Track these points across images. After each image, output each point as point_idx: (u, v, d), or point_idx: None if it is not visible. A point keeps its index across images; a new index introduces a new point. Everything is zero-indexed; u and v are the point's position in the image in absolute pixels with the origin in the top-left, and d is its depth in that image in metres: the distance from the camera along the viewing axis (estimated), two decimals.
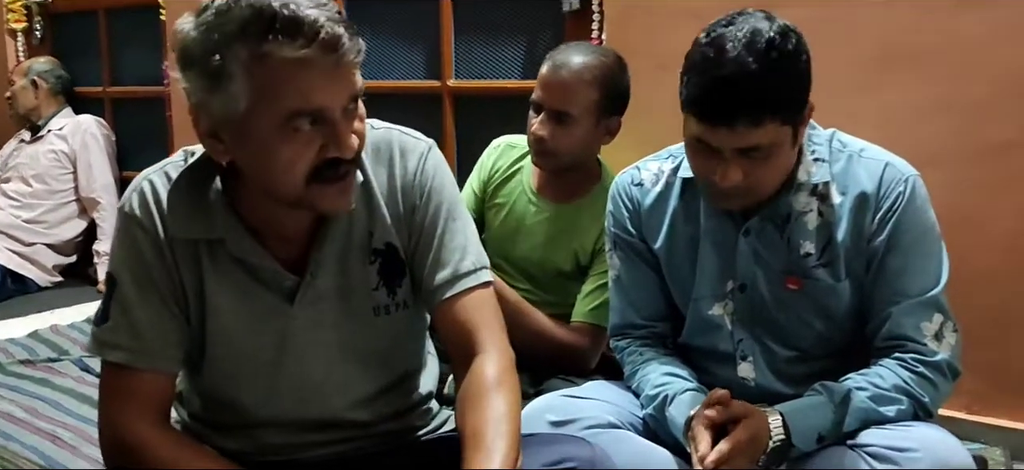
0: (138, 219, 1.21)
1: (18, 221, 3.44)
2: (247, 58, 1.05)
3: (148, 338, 1.21)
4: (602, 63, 1.85)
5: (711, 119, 1.29)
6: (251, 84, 1.06)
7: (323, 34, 1.03)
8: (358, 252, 1.27)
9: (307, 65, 1.04)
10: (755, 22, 1.29)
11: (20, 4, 3.93)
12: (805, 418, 1.34)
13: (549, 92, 1.84)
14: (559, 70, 1.83)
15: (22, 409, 2.13)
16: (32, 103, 3.59)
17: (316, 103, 1.07)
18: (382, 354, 1.32)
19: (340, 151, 1.10)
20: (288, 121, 1.07)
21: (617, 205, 1.60)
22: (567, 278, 1.95)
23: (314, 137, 1.09)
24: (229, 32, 1.05)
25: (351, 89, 1.10)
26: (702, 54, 1.30)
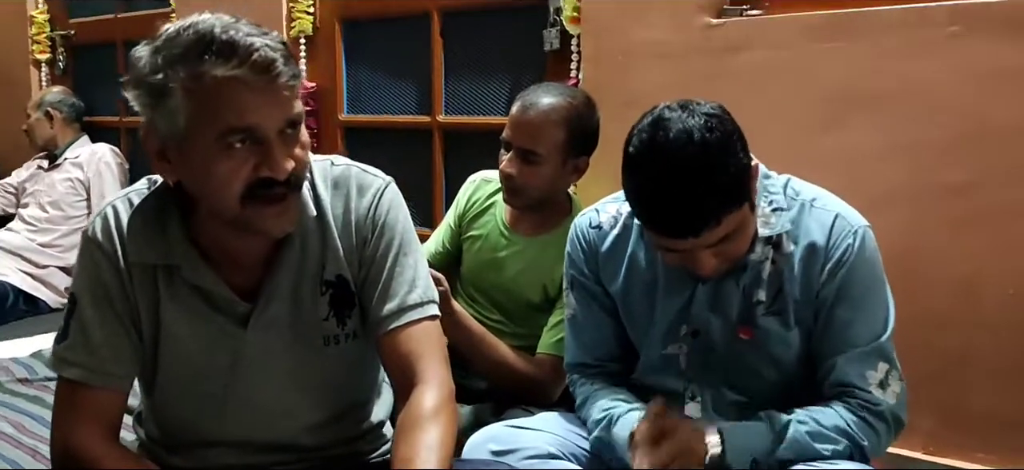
0: (99, 243, 1.28)
1: (33, 244, 3.53)
2: (186, 77, 1.11)
3: (102, 357, 1.27)
4: (569, 104, 1.89)
5: (674, 236, 1.31)
6: (189, 102, 1.12)
7: (256, 56, 1.09)
8: (310, 282, 1.31)
9: (240, 84, 1.10)
10: (680, 124, 1.28)
11: (45, 36, 4.09)
12: (742, 438, 1.38)
13: (517, 131, 1.88)
14: (527, 110, 1.88)
15: (11, 425, 2.20)
16: (49, 133, 3.70)
17: (248, 121, 1.12)
18: (331, 383, 1.36)
19: (272, 171, 1.14)
20: (223, 137, 1.12)
21: (575, 247, 1.62)
22: (537, 310, 1.98)
23: (248, 156, 1.14)
24: (173, 54, 1.12)
25: (286, 112, 1.14)
26: (644, 176, 1.31)
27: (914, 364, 1.76)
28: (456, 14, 2.69)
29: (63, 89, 3.84)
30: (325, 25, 2.98)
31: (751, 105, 1.47)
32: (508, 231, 2.02)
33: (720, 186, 1.28)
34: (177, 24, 1.14)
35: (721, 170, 1.27)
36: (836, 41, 1.91)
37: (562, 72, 2.38)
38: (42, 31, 4.08)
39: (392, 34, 2.89)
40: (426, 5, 2.72)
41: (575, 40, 2.34)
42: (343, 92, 3.00)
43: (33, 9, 4.10)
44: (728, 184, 1.28)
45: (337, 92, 2.99)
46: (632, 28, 2.16)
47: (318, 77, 3.01)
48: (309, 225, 1.29)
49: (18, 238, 3.55)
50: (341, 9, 2.95)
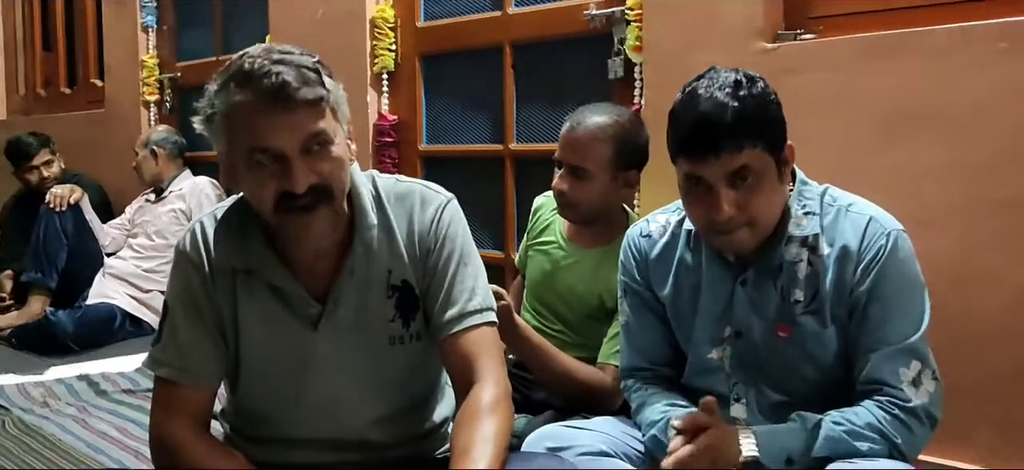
0: (188, 255, 1.42)
1: (139, 271, 3.79)
2: (221, 104, 1.27)
3: (191, 358, 1.40)
4: (616, 121, 1.99)
5: (698, 154, 1.41)
6: (225, 126, 1.28)
7: (265, 82, 1.23)
8: (378, 287, 1.42)
9: (252, 110, 1.24)
10: (723, 72, 1.44)
11: (154, 79, 4.39)
12: (777, 439, 1.43)
13: (567, 149, 1.98)
14: (575, 129, 1.98)
15: (115, 429, 2.41)
16: (155, 170, 3.95)
17: (265, 143, 1.25)
18: (396, 381, 1.46)
19: (289, 186, 1.26)
20: (250, 156, 1.27)
21: (627, 256, 1.71)
22: (596, 320, 2.05)
23: (273, 172, 1.27)
24: (216, 86, 1.28)
25: (304, 131, 1.26)
26: (680, 105, 1.45)
27: (969, 379, 1.80)
28: (527, 47, 2.82)
29: (167, 127, 4.09)
30: (406, 61, 3.15)
31: (806, 126, 1.53)
32: (566, 243, 2.10)
33: (749, 112, 1.39)
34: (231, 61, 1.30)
35: (752, 101, 1.40)
36: (888, 61, 1.95)
37: (626, 99, 2.47)
38: (152, 74, 4.39)
39: (467, 67, 3.04)
40: (499, 39, 2.86)
41: (638, 68, 2.44)
42: (423, 124, 3.16)
43: (144, 54, 4.41)
44: (755, 115, 1.40)
45: (417, 124, 3.14)
46: (692, 55, 2.25)
47: (400, 110, 3.18)
48: (375, 234, 1.40)
49: (126, 265, 3.80)
50: (421, 45, 3.12)
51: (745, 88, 1.40)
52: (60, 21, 5.36)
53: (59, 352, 3.35)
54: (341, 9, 3.24)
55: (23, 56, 5.80)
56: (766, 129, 1.42)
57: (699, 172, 1.43)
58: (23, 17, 5.77)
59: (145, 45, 4.43)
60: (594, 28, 2.55)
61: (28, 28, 5.74)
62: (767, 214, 1.47)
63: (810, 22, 2.15)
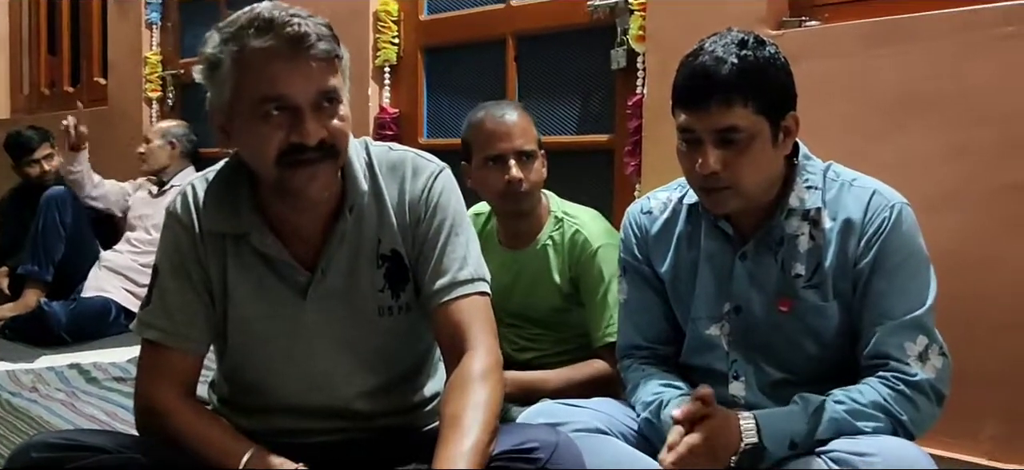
0: (178, 216, 1.39)
1: (135, 265, 3.76)
2: (233, 51, 1.24)
3: (178, 321, 1.37)
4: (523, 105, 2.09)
5: (688, 103, 1.41)
6: (234, 72, 1.25)
7: (288, 29, 1.21)
8: (367, 256, 1.39)
9: (273, 55, 1.22)
10: (735, 31, 1.43)
11: (157, 75, 4.39)
12: (779, 423, 1.38)
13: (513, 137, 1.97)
14: (506, 118, 1.99)
15: (105, 413, 2.38)
16: (164, 162, 3.90)
17: (280, 90, 1.23)
18: (384, 352, 1.43)
19: (301, 137, 1.24)
20: (259, 105, 1.24)
21: (627, 232, 1.68)
22: (565, 310, 2.05)
23: (282, 122, 1.24)
24: (227, 32, 1.25)
25: (318, 84, 1.24)
26: (686, 56, 1.44)
27: (977, 368, 1.76)
28: (529, 38, 2.81)
29: (185, 123, 4.04)
30: (408, 54, 3.13)
31: (811, 113, 1.52)
32: (506, 253, 2.08)
33: (747, 71, 1.37)
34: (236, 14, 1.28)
35: (752, 62, 1.38)
36: (892, 47, 1.93)
37: (630, 89, 2.45)
38: (155, 71, 4.38)
39: (470, 60, 3.03)
40: (502, 31, 2.85)
41: (641, 58, 2.42)
42: (424, 117, 3.14)
43: (147, 51, 4.41)
44: (752, 75, 1.38)
45: (418, 117, 3.13)
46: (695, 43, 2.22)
47: (401, 104, 3.16)
48: (365, 202, 1.38)
49: (122, 258, 3.79)
50: (424, 38, 3.11)
51: (750, 48, 1.39)
52: (65, 21, 5.36)
53: (52, 343, 3.32)
54: (345, 3, 3.23)
55: (28, 56, 5.81)
56: (763, 92, 1.39)
57: (690, 124, 1.42)
58: (29, 17, 5.78)
59: (149, 42, 4.43)
60: (597, 19, 2.54)
61: (33, 28, 5.75)
62: (752, 179, 1.43)
63: (815, 9, 2.14)
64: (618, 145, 2.53)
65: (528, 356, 2.08)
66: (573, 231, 2.02)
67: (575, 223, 2.03)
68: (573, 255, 2.00)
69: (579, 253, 2.00)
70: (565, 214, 2.05)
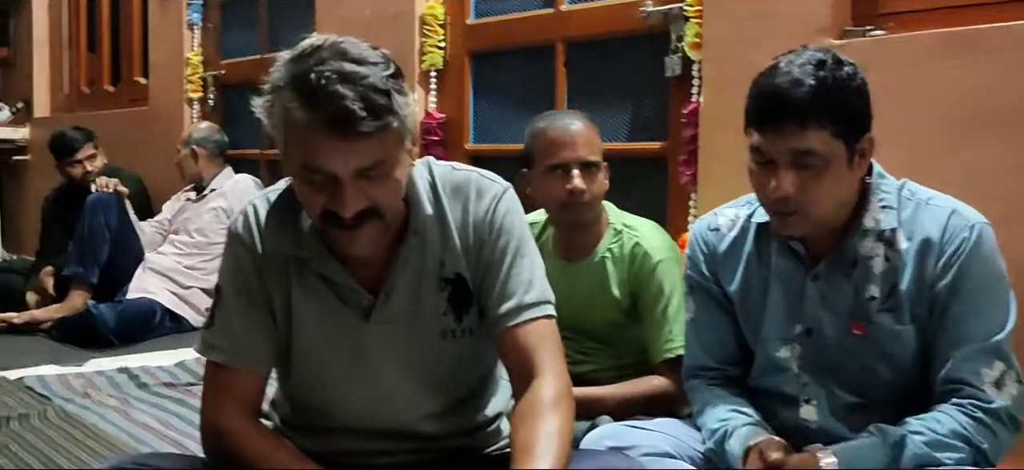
0: (240, 237, 1.37)
1: (180, 267, 3.78)
2: (281, 106, 1.20)
3: (243, 342, 1.36)
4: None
5: (761, 124, 1.38)
6: (283, 127, 1.21)
7: (333, 108, 1.14)
8: (430, 279, 1.36)
9: (314, 131, 1.16)
10: (813, 50, 1.39)
11: (198, 76, 4.40)
12: (859, 459, 1.35)
13: (578, 147, 1.94)
14: (572, 127, 1.96)
15: (158, 421, 2.38)
16: (195, 169, 3.93)
17: (319, 165, 1.19)
18: (448, 375, 1.41)
19: (338, 209, 1.21)
20: (301, 169, 1.21)
21: (694, 250, 1.64)
22: (622, 326, 2.02)
23: (323, 187, 1.21)
24: (278, 80, 1.20)
25: (362, 162, 1.18)
26: (761, 75, 1.41)
27: None
28: (580, 44, 2.78)
29: (208, 126, 4.08)
30: (455, 58, 3.12)
31: (877, 125, 1.47)
32: (564, 265, 2.04)
33: (823, 93, 1.33)
34: (300, 46, 1.21)
35: (830, 83, 1.34)
36: (958, 59, 1.89)
37: (684, 97, 2.42)
38: (196, 72, 4.40)
39: (518, 65, 3.00)
40: (551, 37, 2.82)
41: (697, 66, 2.38)
42: (470, 122, 3.12)
43: (188, 51, 4.42)
44: (830, 97, 1.34)
45: (464, 122, 3.11)
46: (754, 52, 2.16)
47: (447, 108, 3.15)
48: (429, 225, 1.35)
49: (167, 260, 3.80)
50: (470, 43, 3.09)
51: (827, 69, 1.35)
52: (106, 20, 5.40)
53: (100, 345, 3.34)
54: (390, 6, 3.22)
55: (68, 55, 5.86)
56: (840, 114, 1.35)
57: (763, 145, 1.38)
58: (69, 17, 5.83)
59: (190, 43, 4.44)
60: (650, 25, 2.50)
61: (73, 27, 5.79)
62: (825, 204, 1.40)
63: (879, 18, 2.09)
64: (671, 153, 2.50)
65: (583, 370, 2.06)
66: (633, 244, 1.99)
67: (635, 235, 2.00)
68: (633, 268, 1.98)
69: (639, 266, 1.97)
70: (625, 226, 2.02)
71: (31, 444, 2.16)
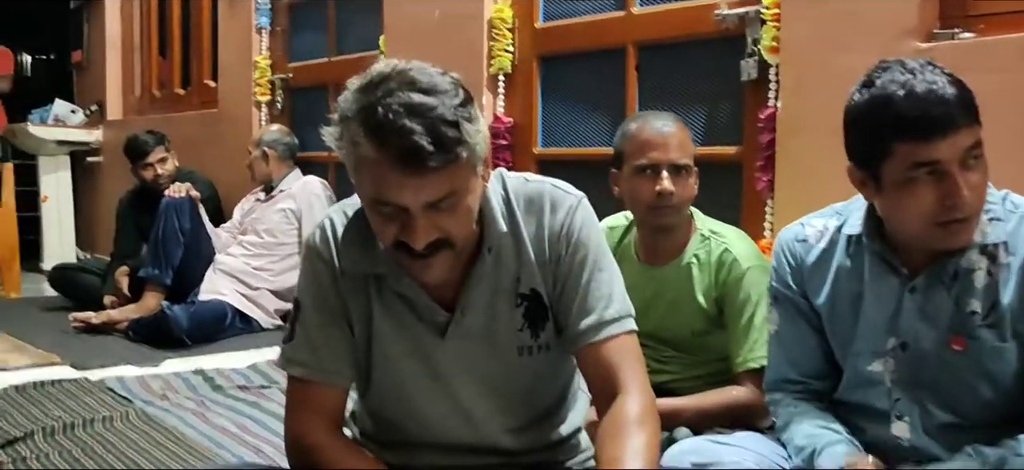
0: (318, 252, 1.37)
1: (248, 268, 3.84)
2: (349, 138, 1.18)
3: (323, 357, 1.36)
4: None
5: (933, 132, 1.29)
6: (351, 158, 1.19)
7: (397, 143, 1.12)
8: (505, 295, 1.35)
9: (382, 166, 1.14)
10: (907, 61, 1.34)
11: (266, 80, 4.46)
12: None
13: (670, 149, 1.93)
14: (665, 129, 1.95)
15: (235, 425, 2.41)
16: (265, 170, 4.01)
17: (389, 199, 1.18)
18: (527, 390, 1.41)
19: (409, 240, 1.20)
20: (372, 202, 1.21)
21: (780, 261, 1.61)
22: (705, 333, 1.99)
23: (394, 218, 1.20)
24: (346, 111, 1.18)
25: (432, 195, 1.17)
26: (894, 88, 1.32)
27: None
28: (651, 48, 2.74)
29: (280, 128, 4.14)
30: (524, 62, 3.10)
31: None
32: (646, 269, 2.02)
33: (965, 90, 1.30)
34: (368, 75, 1.19)
35: (953, 77, 1.31)
36: None
37: (760, 102, 2.38)
38: (264, 75, 4.46)
39: (587, 69, 2.98)
40: (622, 40, 2.80)
41: (774, 70, 2.34)
42: (539, 126, 3.11)
43: (257, 55, 4.48)
44: (971, 95, 1.31)
45: (533, 126, 3.10)
46: (835, 56, 2.14)
47: (515, 112, 3.14)
48: (503, 240, 1.34)
49: (236, 262, 3.87)
50: (539, 46, 3.07)
51: (943, 72, 1.31)
52: (176, 24, 5.51)
53: (173, 346, 3.40)
54: (458, 10, 3.22)
55: (139, 59, 5.99)
56: (974, 105, 1.32)
57: (931, 154, 1.30)
58: (140, 21, 5.96)
59: (258, 46, 4.50)
60: (725, 29, 2.46)
61: (145, 32, 5.92)
62: (983, 203, 1.36)
63: (969, 20, 2.03)
64: (747, 158, 2.46)
65: (660, 379, 2.03)
66: (721, 250, 1.96)
67: (723, 242, 1.97)
68: (720, 275, 1.94)
69: (727, 273, 1.94)
70: (712, 232, 1.99)
71: (115, 446, 2.21)
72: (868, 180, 1.40)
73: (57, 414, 2.44)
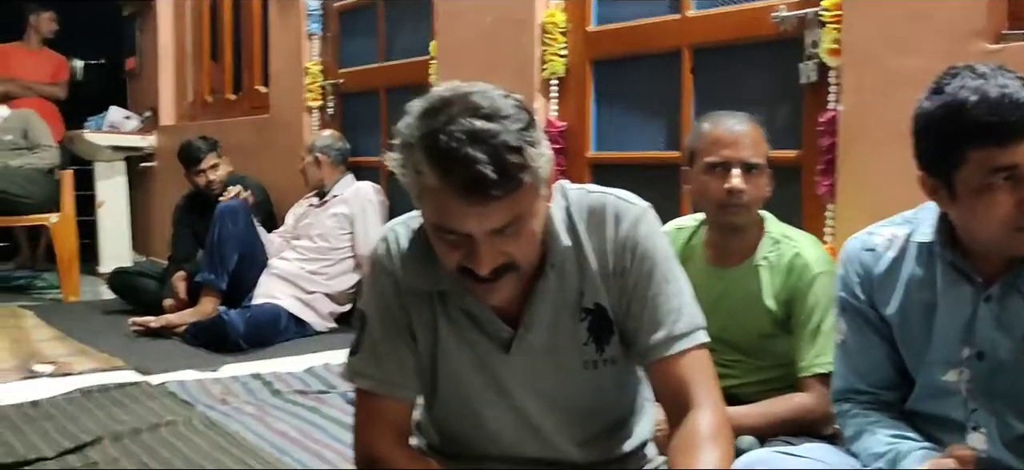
0: (383, 265, 1.38)
1: (303, 272, 3.89)
2: (412, 165, 1.17)
3: (389, 370, 1.37)
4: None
5: (1009, 135, 1.28)
6: (414, 185, 1.19)
7: (460, 172, 1.11)
8: (570, 310, 1.34)
9: (446, 194, 1.14)
10: (976, 65, 1.32)
11: (317, 85, 4.50)
12: None
13: (741, 147, 1.92)
14: (737, 127, 1.95)
15: (297, 431, 2.45)
16: (318, 176, 4.06)
17: (453, 227, 1.17)
18: (593, 404, 1.40)
19: (474, 266, 1.19)
20: (436, 228, 1.20)
21: (846, 270, 1.59)
22: (771, 336, 1.97)
23: (458, 245, 1.19)
24: (408, 139, 1.18)
25: (496, 222, 1.16)
26: (958, 98, 1.31)
27: None
28: (707, 51, 2.72)
29: (331, 133, 4.18)
30: (576, 66, 3.09)
31: None
32: (712, 270, 2.00)
33: None
34: (429, 99, 1.18)
35: None
36: None
37: (819, 105, 2.34)
38: (315, 81, 4.50)
39: (642, 72, 2.96)
40: (677, 43, 2.77)
41: (834, 72, 2.31)
42: (592, 130, 3.10)
43: (307, 61, 4.53)
44: None
45: (585, 130, 3.09)
46: (898, 58, 2.10)
47: (568, 116, 3.13)
48: (565, 254, 1.33)
49: (291, 266, 3.92)
50: (592, 50, 3.06)
51: (1015, 75, 1.29)
52: (228, 31, 5.58)
53: (230, 350, 3.46)
54: (510, 15, 3.23)
55: (192, 65, 6.08)
56: None
57: (1008, 159, 1.29)
58: (192, 28, 6.05)
59: (309, 52, 4.54)
60: (783, 31, 2.43)
61: (196, 39, 6.01)
62: None
63: None
64: (806, 162, 2.43)
65: (724, 384, 1.99)
66: (793, 254, 1.94)
67: (795, 246, 1.95)
68: (790, 279, 1.93)
69: (797, 277, 1.92)
70: (784, 236, 1.98)
71: (181, 451, 2.24)
72: (941, 188, 1.38)
73: (123, 418, 2.49)
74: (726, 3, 2.66)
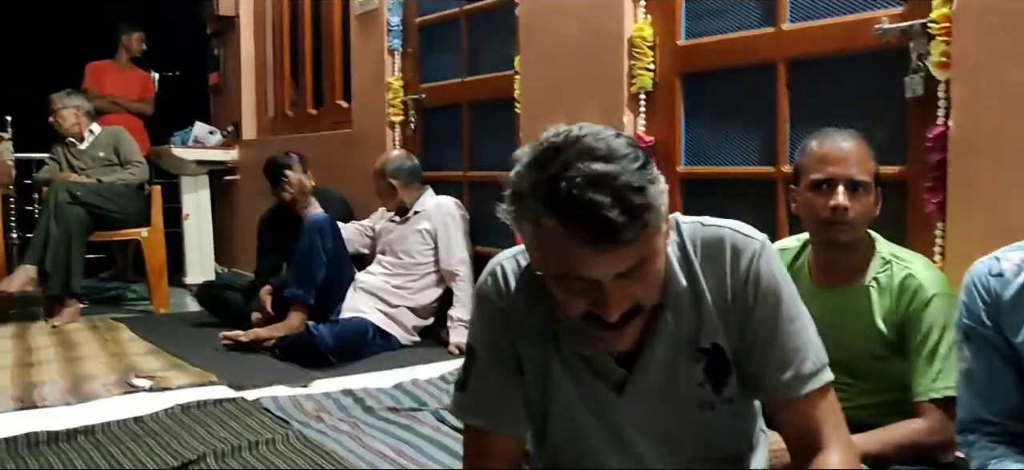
0: (490, 300, 1.36)
1: (388, 286, 3.93)
2: (530, 216, 1.13)
3: (500, 406, 1.36)
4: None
5: None
6: (534, 235, 1.15)
7: (592, 222, 1.07)
8: (685, 350, 1.31)
9: (572, 244, 1.09)
10: None
11: (399, 100, 4.54)
12: None
13: (847, 164, 1.89)
14: (843, 144, 1.92)
15: (391, 449, 2.46)
16: (396, 199, 4.06)
17: (580, 275, 1.13)
18: (709, 444, 1.37)
19: (602, 313, 1.16)
20: (559, 278, 1.16)
21: (972, 296, 1.53)
22: (882, 359, 1.92)
23: (585, 291, 1.15)
24: (524, 187, 1.14)
25: (623, 265, 1.12)
26: None
27: None
28: (804, 64, 2.65)
29: (399, 153, 4.20)
30: (665, 80, 3.06)
31: None
32: (820, 291, 1.95)
33: None
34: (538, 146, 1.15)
35: None
36: None
37: (927, 120, 2.27)
38: (397, 96, 4.54)
39: (733, 86, 2.91)
40: (771, 57, 2.71)
41: (943, 86, 2.23)
42: (681, 145, 3.05)
43: (389, 76, 4.57)
44: None
45: (676, 145, 3.05)
46: (1014, 70, 2.03)
47: (656, 131, 3.09)
48: (681, 293, 1.29)
49: (376, 280, 3.96)
50: (681, 64, 3.02)
51: None
52: (308, 46, 5.67)
53: (320, 364, 3.49)
54: (597, 29, 3.20)
55: (272, 80, 6.20)
56: None
57: None
58: (273, 44, 6.16)
59: (391, 68, 4.57)
60: (885, 43, 2.36)
61: (277, 54, 6.12)
62: None
63: None
64: (912, 178, 2.35)
65: None
66: (905, 275, 1.89)
67: (907, 267, 1.90)
68: (903, 300, 1.87)
69: (910, 299, 1.87)
70: (895, 257, 1.93)
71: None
72: None
73: (223, 435, 2.53)
74: (824, 16, 2.59)
